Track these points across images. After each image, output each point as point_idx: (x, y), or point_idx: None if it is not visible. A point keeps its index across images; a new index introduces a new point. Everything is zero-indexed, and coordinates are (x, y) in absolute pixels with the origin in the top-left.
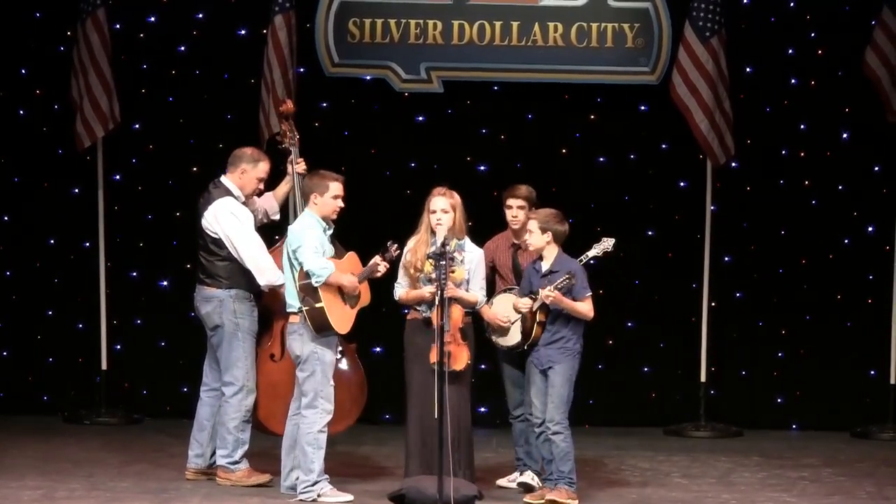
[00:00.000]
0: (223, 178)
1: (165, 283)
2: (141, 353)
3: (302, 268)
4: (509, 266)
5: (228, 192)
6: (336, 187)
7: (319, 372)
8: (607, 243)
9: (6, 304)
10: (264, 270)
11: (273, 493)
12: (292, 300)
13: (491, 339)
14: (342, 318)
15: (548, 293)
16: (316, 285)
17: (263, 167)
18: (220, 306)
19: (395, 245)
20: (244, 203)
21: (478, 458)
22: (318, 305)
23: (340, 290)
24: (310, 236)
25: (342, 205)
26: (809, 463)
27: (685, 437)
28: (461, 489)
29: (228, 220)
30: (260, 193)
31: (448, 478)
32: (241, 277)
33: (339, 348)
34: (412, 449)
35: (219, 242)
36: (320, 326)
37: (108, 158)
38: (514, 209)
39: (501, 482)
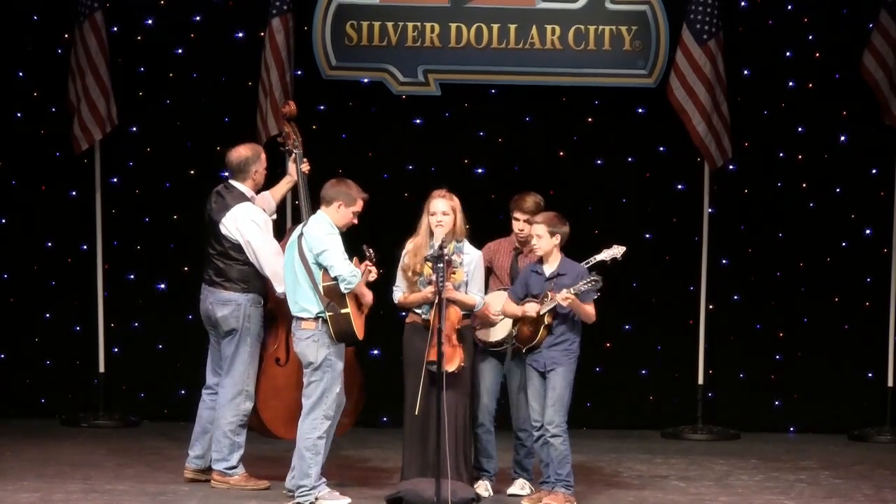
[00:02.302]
0: (234, 183)
1: (163, 285)
2: (138, 355)
3: (327, 272)
4: (507, 269)
5: (243, 197)
6: (360, 205)
7: (329, 379)
8: (618, 250)
9: (4, 306)
10: (283, 278)
11: (271, 497)
12: (307, 305)
13: (475, 334)
14: (361, 325)
15: (566, 295)
16: (345, 291)
17: (264, 156)
18: (237, 310)
19: (371, 249)
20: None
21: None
22: (343, 311)
23: (356, 297)
24: (335, 242)
25: (356, 222)
26: (807, 465)
27: (683, 439)
28: (458, 492)
29: (249, 228)
30: (258, 191)
31: (445, 480)
32: (257, 282)
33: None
34: (410, 452)
35: (238, 248)
36: (343, 332)
37: (105, 161)
38: (521, 222)
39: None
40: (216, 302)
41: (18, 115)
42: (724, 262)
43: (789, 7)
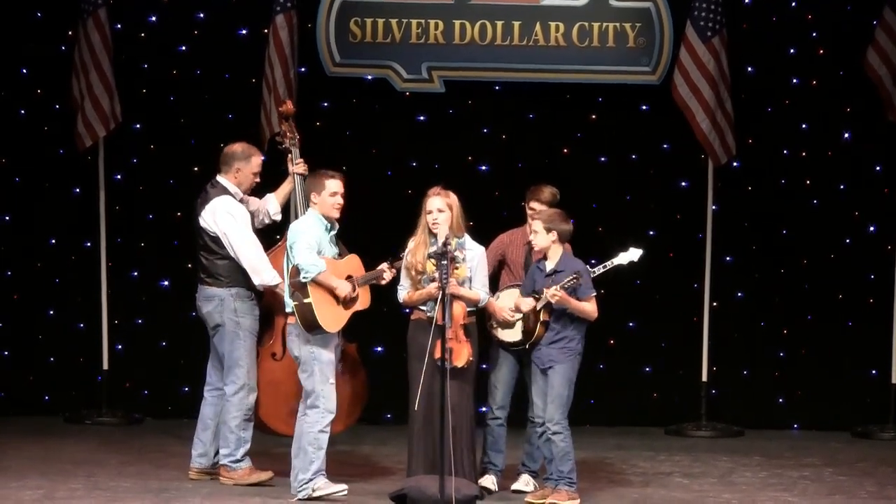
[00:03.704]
0: (219, 178)
1: (166, 282)
2: (142, 353)
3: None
4: (521, 263)
5: (226, 191)
6: (333, 184)
7: (318, 372)
8: (634, 254)
9: (7, 304)
10: (260, 270)
11: (275, 493)
12: (289, 299)
13: (493, 332)
14: (332, 317)
15: (554, 292)
16: (304, 281)
17: (256, 161)
18: (220, 305)
19: (401, 260)
20: (241, 201)
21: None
22: (306, 301)
23: (331, 290)
24: (307, 233)
25: (341, 202)
26: (810, 462)
27: (686, 436)
28: (462, 489)
29: (225, 220)
30: (262, 194)
31: (449, 477)
32: (242, 276)
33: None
34: (415, 448)
35: (218, 241)
36: (309, 323)
37: (109, 158)
38: (537, 213)
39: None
40: (202, 298)
41: (22, 112)
42: (727, 259)
43: (793, 4)
